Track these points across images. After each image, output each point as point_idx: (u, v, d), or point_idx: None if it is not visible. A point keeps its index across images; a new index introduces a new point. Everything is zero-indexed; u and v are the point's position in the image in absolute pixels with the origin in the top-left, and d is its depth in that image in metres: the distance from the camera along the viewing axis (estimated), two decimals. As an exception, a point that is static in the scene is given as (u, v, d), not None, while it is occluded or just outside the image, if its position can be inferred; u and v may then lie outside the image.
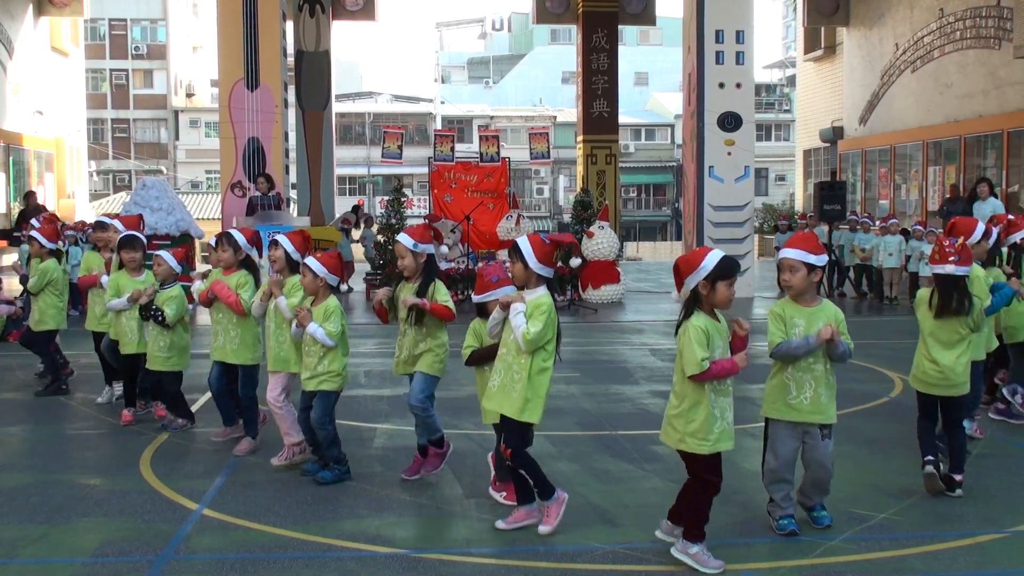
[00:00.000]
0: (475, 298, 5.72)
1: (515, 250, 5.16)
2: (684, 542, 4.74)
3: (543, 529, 5.19)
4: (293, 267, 6.46)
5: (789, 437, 5.12)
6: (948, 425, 5.94)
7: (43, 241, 8.97)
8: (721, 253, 4.71)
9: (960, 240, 5.87)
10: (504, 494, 5.70)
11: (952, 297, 5.72)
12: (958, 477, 5.87)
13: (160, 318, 7.29)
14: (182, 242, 14.27)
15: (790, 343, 5.05)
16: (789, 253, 5.09)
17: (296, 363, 6.35)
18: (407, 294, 5.96)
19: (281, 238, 6.51)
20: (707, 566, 4.66)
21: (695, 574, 4.67)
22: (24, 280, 9.50)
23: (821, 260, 5.09)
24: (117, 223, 8.65)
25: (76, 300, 12.96)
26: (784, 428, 5.13)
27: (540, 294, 5.12)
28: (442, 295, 5.94)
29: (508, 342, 5.15)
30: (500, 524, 5.30)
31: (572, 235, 5.74)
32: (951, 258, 5.74)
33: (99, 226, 8.91)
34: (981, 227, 6.78)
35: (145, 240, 8.17)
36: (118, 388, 8.37)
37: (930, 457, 5.86)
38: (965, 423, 6.35)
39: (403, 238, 6.01)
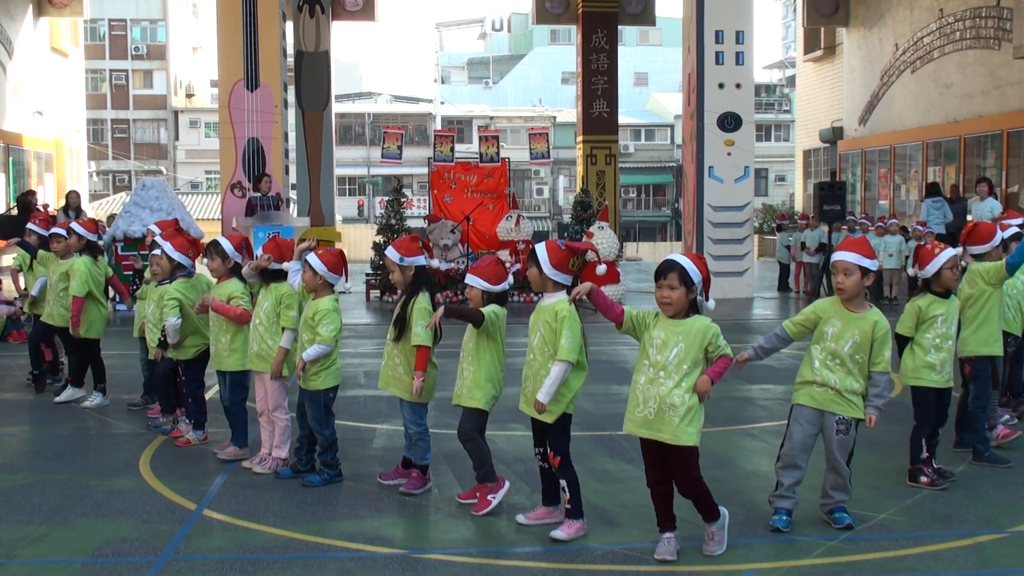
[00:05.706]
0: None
1: (531, 256, 5.18)
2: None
3: (558, 534, 5.13)
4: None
5: (808, 424, 5.21)
6: None
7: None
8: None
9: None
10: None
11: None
12: None
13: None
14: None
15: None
16: (845, 256, 5.19)
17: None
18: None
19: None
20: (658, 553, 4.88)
21: (693, 574, 4.70)
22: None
23: (875, 264, 5.23)
24: (169, 248, 7.88)
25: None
26: (804, 413, 5.22)
27: (558, 299, 5.14)
28: (420, 306, 5.76)
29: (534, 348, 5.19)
30: (520, 518, 5.38)
31: (591, 243, 5.64)
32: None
33: (59, 234, 8.51)
34: (1000, 234, 6.89)
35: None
36: (95, 398, 8.42)
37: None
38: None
39: (390, 252, 5.89)
